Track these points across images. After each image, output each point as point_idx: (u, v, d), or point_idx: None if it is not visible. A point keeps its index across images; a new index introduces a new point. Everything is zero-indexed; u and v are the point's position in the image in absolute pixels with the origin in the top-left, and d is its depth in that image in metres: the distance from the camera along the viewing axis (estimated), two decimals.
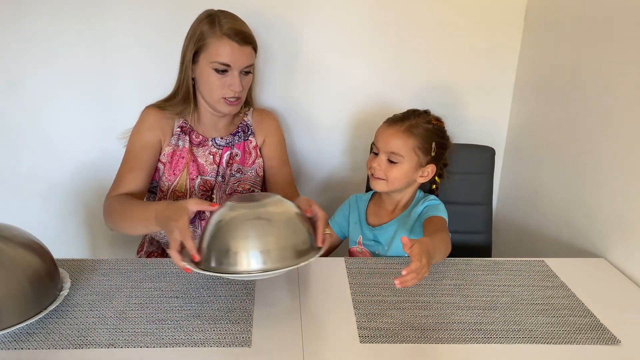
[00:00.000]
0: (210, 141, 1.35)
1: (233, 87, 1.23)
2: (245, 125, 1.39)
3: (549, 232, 1.51)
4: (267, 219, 0.93)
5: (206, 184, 1.34)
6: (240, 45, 1.21)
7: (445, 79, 1.68)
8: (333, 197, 1.80)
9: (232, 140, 1.37)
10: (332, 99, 1.69)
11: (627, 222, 1.18)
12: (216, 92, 1.24)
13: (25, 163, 1.68)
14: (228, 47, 1.20)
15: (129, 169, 1.27)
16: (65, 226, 1.76)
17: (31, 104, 1.62)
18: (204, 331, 0.91)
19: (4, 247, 0.88)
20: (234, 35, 1.20)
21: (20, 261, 0.89)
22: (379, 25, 1.61)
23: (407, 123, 1.21)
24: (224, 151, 1.35)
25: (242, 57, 1.22)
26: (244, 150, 1.38)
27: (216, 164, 1.35)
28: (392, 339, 0.90)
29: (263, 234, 0.91)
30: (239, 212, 0.93)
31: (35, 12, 1.52)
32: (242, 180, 1.38)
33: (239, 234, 0.91)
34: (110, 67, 1.60)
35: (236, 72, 1.22)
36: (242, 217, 0.92)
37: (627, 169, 1.18)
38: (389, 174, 1.21)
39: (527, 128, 1.65)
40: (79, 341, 0.88)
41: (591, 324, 0.96)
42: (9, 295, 0.85)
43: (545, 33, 1.53)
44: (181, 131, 1.32)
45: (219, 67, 1.21)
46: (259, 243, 0.90)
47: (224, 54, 1.20)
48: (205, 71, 1.23)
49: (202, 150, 1.34)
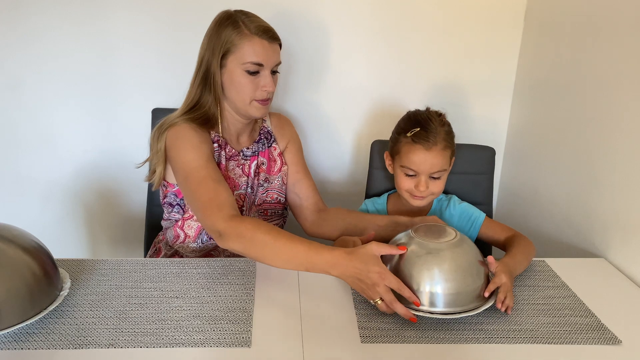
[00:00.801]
0: (240, 153, 1.29)
1: (266, 87, 1.19)
2: (266, 131, 1.35)
3: (549, 232, 1.51)
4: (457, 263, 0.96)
5: (239, 199, 1.28)
6: (271, 43, 1.18)
7: (446, 79, 1.68)
8: (336, 196, 1.80)
9: (257, 148, 1.32)
10: (332, 100, 1.69)
11: (627, 222, 1.18)
12: (248, 95, 1.19)
13: (25, 163, 1.67)
14: (259, 45, 1.16)
15: (213, 182, 1.12)
16: (65, 226, 1.76)
17: (31, 104, 1.62)
18: (204, 331, 0.91)
19: (4, 247, 0.88)
20: (263, 33, 1.17)
21: (20, 262, 0.89)
22: (379, 26, 1.61)
23: (439, 138, 1.19)
24: (252, 161, 1.31)
25: (273, 54, 1.19)
26: (269, 158, 1.34)
27: (246, 175, 1.30)
28: (393, 339, 0.90)
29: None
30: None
31: (36, 12, 1.52)
32: (269, 189, 1.34)
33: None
34: (111, 67, 1.60)
35: (268, 72, 1.19)
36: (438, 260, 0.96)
37: (627, 169, 1.18)
38: (433, 189, 1.22)
39: (527, 128, 1.64)
40: (79, 341, 0.87)
41: (592, 323, 0.96)
42: (9, 295, 0.85)
43: (545, 33, 1.53)
44: (217, 145, 1.25)
45: (252, 68, 1.17)
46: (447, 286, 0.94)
47: (257, 53, 1.16)
48: (236, 74, 1.18)
49: (233, 164, 1.28)
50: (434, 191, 1.23)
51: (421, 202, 1.24)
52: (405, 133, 1.21)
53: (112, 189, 1.74)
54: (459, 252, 0.97)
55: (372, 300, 0.95)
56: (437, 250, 0.96)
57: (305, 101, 1.69)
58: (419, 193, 1.21)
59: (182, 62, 1.51)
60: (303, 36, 1.60)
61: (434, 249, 0.96)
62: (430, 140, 1.18)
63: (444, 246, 0.97)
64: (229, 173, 1.26)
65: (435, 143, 1.18)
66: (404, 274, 0.95)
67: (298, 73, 1.65)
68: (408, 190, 1.23)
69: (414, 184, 1.21)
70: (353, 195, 1.78)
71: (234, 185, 1.27)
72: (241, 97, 1.20)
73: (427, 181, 1.21)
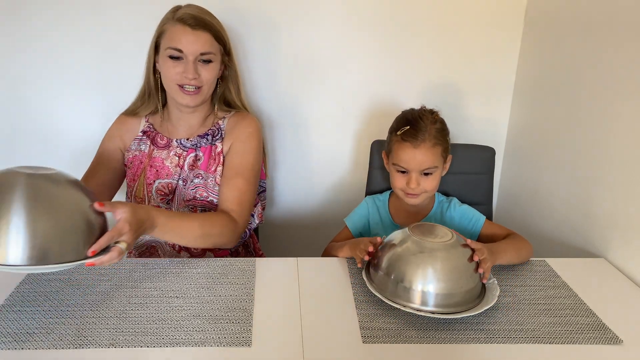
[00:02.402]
0: (175, 142, 1.31)
1: (186, 73, 1.20)
2: (217, 128, 1.32)
3: (549, 232, 1.51)
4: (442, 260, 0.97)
5: (167, 187, 1.30)
6: (193, 30, 1.19)
7: (446, 79, 1.68)
8: (336, 196, 1.80)
9: (198, 142, 1.30)
10: (332, 100, 1.69)
11: (627, 222, 1.18)
12: (172, 80, 1.22)
13: (25, 162, 1.66)
14: (181, 32, 1.19)
15: (88, 175, 1.31)
16: None
17: (31, 104, 1.62)
18: (204, 331, 0.91)
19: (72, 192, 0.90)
20: (187, 19, 1.19)
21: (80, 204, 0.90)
22: (379, 26, 1.61)
23: (428, 135, 1.20)
24: (188, 153, 1.30)
25: (195, 42, 1.19)
26: (208, 154, 1.29)
27: (180, 166, 1.30)
28: (394, 339, 0.90)
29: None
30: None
31: (36, 12, 1.52)
32: (200, 186, 1.28)
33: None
34: (112, 66, 1.59)
35: (191, 58, 1.20)
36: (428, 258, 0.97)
37: (627, 169, 1.18)
38: (426, 186, 1.23)
39: (527, 128, 1.65)
40: (79, 341, 0.87)
41: (593, 323, 0.96)
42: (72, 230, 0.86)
43: (545, 33, 1.53)
44: (144, 135, 1.33)
45: (173, 54, 1.20)
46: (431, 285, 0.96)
47: (177, 39, 1.19)
48: (162, 59, 1.23)
49: (167, 151, 1.31)
50: (427, 189, 1.23)
51: (415, 200, 1.25)
52: (397, 132, 1.23)
53: None
54: (454, 253, 0.98)
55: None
56: (432, 249, 0.97)
57: (305, 101, 1.69)
58: (410, 190, 1.22)
59: None
60: (303, 36, 1.60)
61: (429, 248, 0.97)
62: (419, 138, 1.20)
63: (439, 246, 0.97)
64: (163, 161, 1.31)
65: (424, 140, 1.20)
66: (398, 270, 0.97)
67: (298, 73, 1.65)
68: (401, 188, 1.24)
69: (405, 181, 1.23)
70: (353, 195, 1.78)
71: (165, 174, 1.30)
72: (168, 82, 1.24)
73: (418, 178, 1.21)
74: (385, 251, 1.02)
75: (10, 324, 0.91)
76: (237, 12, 1.55)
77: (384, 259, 1.01)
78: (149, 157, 1.31)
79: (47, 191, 0.87)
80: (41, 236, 0.83)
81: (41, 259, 0.82)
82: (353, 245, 1.15)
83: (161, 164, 1.31)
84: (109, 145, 1.34)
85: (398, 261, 0.98)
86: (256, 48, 1.60)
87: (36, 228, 0.82)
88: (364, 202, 1.37)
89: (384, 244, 1.05)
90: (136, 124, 1.35)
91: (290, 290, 1.04)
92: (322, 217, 1.81)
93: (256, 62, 1.62)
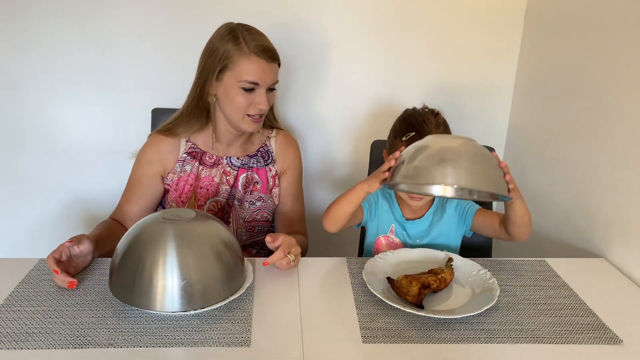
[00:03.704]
0: (224, 159, 1.31)
1: (260, 105, 1.20)
2: (266, 151, 1.35)
3: (549, 232, 1.51)
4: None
5: (217, 206, 1.32)
6: (269, 63, 1.18)
7: (446, 79, 1.68)
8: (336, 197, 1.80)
9: (248, 162, 1.33)
10: (331, 100, 1.69)
11: (627, 222, 1.18)
12: (241, 110, 1.20)
13: (25, 163, 1.67)
14: (257, 65, 1.16)
15: (126, 201, 1.29)
16: (65, 226, 1.75)
17: (32, 104, 1.62)
18: (204, 331, 0.91)
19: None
20: (262, 53, 1.17)
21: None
22: (380, 26, 1.61)
23: None
24: (240, 173, 1.32)
25: (270, 74, 1.19)
26: (265, 178, 1.34)
27: (230, 185, 1.31)
28: (394, 339, 0.90)
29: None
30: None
31: (36, 12, 1.52)
32: (262, 209, 1.35)
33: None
34: (112, 67, 1.59)
35: (263, 90, 1.20)
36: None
37: (627, 169, 1.18)
38: None
39: (527, 128, 1.65)
40: (79, 341, 0.87)
41: (593, 323, 0.96)
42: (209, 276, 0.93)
43: (545, 33, 1.53)
44: (188, 156, 1.29)
45: (247, 86, 1.18)
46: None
47: (253, 72, 1.17)
48: (231, 89, 1.19)
49: (216, 169, 1.31)
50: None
51: (419, 202, 1.23)
52: (401, 137, 1.19)
53: (113, 188, 1.73)
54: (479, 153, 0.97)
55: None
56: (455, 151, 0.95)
57: (306, 101, 1.69)
58: (415, 197, 1.19)
59: (182, 62, 1.51)
60: (303, 36, 1.60)
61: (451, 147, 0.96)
62: None
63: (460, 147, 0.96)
64: (205, 180, 1.30)
65: None
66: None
67: (298, 73, 1.65)
68: (406, 199, 1.21)
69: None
70: None
71: (214, 192, 1.30)
72: (234, 111, 1.21)
73: None
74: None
75: (10, 324, 0.91)
76: (237, 13, 1.55)
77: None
78: (197, 179, 1.30)
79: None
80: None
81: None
82: (365, 180, 1.09)
83: (210, 182, 1.30)
84: (148, 170, 1.29)
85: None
86: None
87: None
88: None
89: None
90: (176, 145, 1.30)
91: (290, 290, 1.04)
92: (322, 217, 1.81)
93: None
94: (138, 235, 0.94)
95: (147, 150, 1.30)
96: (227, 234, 1.00)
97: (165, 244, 0.91)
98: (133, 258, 0.92)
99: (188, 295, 0.90)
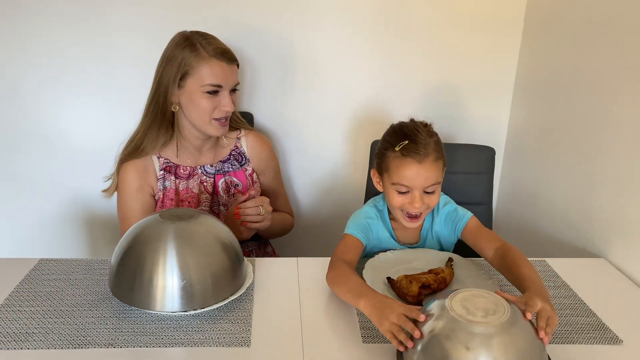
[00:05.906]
0: (199, 169, 1.31)
1: (226, 107, 1.21)
2: (238, 152, 1.36)
3: (549, 232, 1.51)
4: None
5: None
6: (229, 64, 1.21)
7: (446, 79, 1.68)
8: (336, 197, 1.80)
9: (222, 167, 1.34)
10: (331, 101, 1.69)
11: (627, 222, 1.18)
12: (208, 114, 1.21)
13: (25, 163, 1.67)
14: (218, 67, 1.18)
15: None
16: (65, 226, 1.75)
17: (32, 104, 1.62)
18: (204, 331, 0.91)
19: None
20: (221, 55, 1.19)
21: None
22: (379, 25, 1.61)
23: (429, 149, 1.08)
24: (217, 179, 1.33)
25: (232, 75, 1.22)
26: (245, 178, 1.36)
27: (209, 192, 1.32)
28: None
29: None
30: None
31: (36, 13, 1.52)
32: None
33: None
34: (111, 67, 1.59)
35: (227, 92, 1.21)
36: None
37: (627, 169, 1.18)
38: (429, 203, 1.11)
39: (527, 128, 1.65)
40: (79, 341, 0.87)
41: (593, 323, 0.96)
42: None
43: (545, 33, 1.53)
44: (165, 171, 1.29)
45: (211, 89, 1.19)
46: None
47: (215, 75, 1.18)
48: (195, 95, 1.20)
49: (193, 180, 1.31)
50: (431, 205, 1.12)
51: (416, 223, 1.13)
52: (394, 147, 1.10)
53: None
54: (514, 333, 0.73)
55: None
56: (485, 335, 0.73)
57: (305, 102, 1.69)
58: (414, 210, 1.10)
59: None
60: (301, 36, 1.60)
61: (480, 334, 0.73)
62: (421, 152, 1.07)
63: (492, 330, 0.73)
64: (185, 192, 1.30)
65: (427, 154, 1.07)
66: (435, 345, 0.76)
67: (296, 74, 1.65)
68: (401, 207, 1.12)
69: (407, 201, 1.10)
70: (352, 195, 1.78)
71: (196, 202, 1.31)
72: (200, 117, 1.22)
73: (422, 196, 1.09)
74: (424, 338, 0.78)
75: (10, 324, 0.91)
76: (237, 13, 1.55)
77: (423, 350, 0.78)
78: (176, 193, 1.29)
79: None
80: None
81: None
82: (378, 308, 0.88)
83: (190, 194, 1.31)
84: (143, 197, 1.28)
85: (433, 347, 0.75)
86: (254, 52, 1.60)
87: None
88: (370, 211, 1.21)
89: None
90: (150, 163, 1.29)
91: (290, 290, 1.04)
92: (322, 217, 1.81)
93: (255, 66, 1.62)
94: (138, 235, 0.94)
95: (129, 179, 1.27)
96: (227, 234, 1.00)
97: (165, 244, 0.91)
98: (133, 258, 0.92)
99: (188, 295, 0.90)
